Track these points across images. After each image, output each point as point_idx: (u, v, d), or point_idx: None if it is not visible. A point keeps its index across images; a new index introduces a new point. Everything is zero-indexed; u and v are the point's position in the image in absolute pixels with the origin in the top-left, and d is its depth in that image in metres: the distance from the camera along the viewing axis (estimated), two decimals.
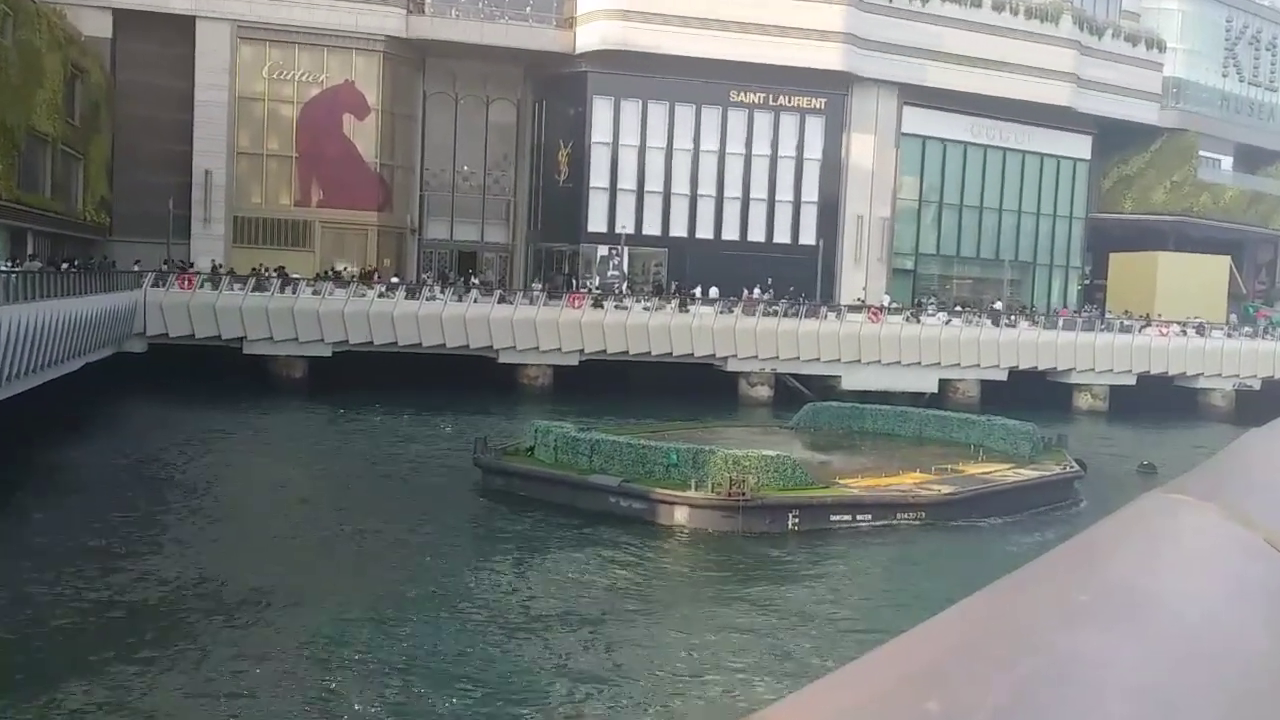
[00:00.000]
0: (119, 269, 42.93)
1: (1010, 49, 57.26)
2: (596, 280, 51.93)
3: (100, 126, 46.46)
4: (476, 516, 26.07)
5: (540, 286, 49.74)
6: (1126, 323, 56.02)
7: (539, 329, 46.01)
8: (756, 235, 55.58)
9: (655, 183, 54.26)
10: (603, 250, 53.21)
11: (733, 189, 55.23)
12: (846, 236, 56.90)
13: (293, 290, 44.36)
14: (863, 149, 56.63)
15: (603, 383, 44.83)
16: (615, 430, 30.98)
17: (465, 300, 46.11)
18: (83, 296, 33.80)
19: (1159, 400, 52.39)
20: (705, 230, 55.00)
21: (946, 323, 52.20)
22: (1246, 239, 70.32)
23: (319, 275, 47.51)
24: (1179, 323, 56.19)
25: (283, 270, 46.43)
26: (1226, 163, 69.78)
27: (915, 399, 47.07)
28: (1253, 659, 1.09)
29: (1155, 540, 1.32)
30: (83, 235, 45.96)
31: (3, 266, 31.18)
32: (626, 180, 53.88)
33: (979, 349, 51.60)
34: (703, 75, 52.91)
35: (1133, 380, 54.07)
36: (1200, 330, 56.14)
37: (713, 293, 50.13)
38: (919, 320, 51.96)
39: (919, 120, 58.09)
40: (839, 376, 49.04)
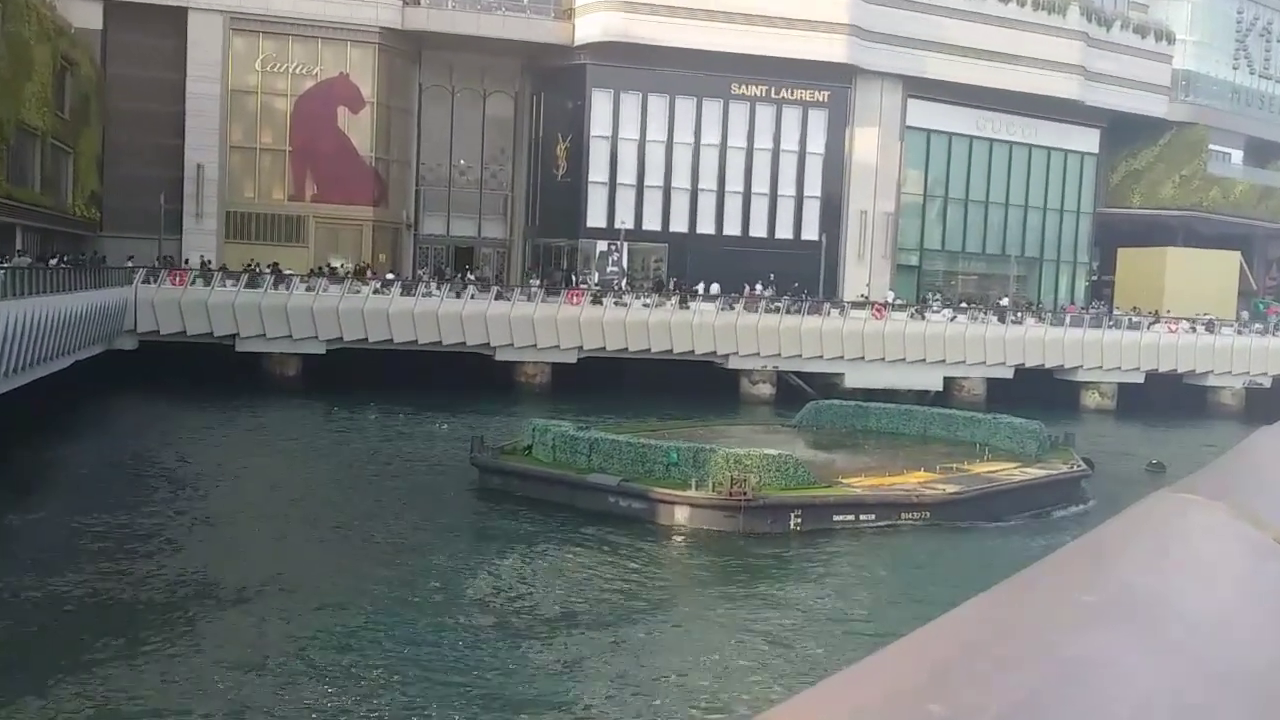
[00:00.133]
0: (109, 265, 42.92)
1: (1017, 41, 57.20)
2: (595, 276, 51.92)
3: (90, 120, 46.44)
4: (473, 516, 26.06)
5: (538, 283, 49.72)
6: (1135, 319, 56.00)
7: (537, 326, 46.00)
8: (758, 230, 55.57)
9: (655, 177, 54.22)
10: (602, 246, 53.18)
11: (734, 183, 55.21)
12: (850, 232, 56.89)
13: (286, 287, 44.35)
14: (866, 143, 56.60)
15: (602, 381, 44.84)
16: (614, 429, 30.98)
17: (462, 297, 46.11)
18: (72, 293, 33.78)
19: (1168, 398, 52.41)
20: (706, 225, 54.99)
21: (951, 319, 52.17)
22: (1257, 234, 70.26)
23: (313, 271, 47.52)
24: (1188, 319, 56.17)
25: (277, 266, 46.44)
26: (1237, 157, 69.77)
27: (920, 397, 47.06)
28: (1264, 662, 1.09)
29: (1164, 540, 1.32)
30: (72, 230, 45.98)
31: None
32: (626, 174, 53.84)
33: (985, 346, 51.58)
34: (704, 68, 52.87)
35: (1141, 378, 54.08)
36: (1210, 327, 56.11)
37: (714, 289, 50.11)
38: (923, 317, 51.94)
39: (924, 113, 58.04)
40: (842, 374, 49.03)
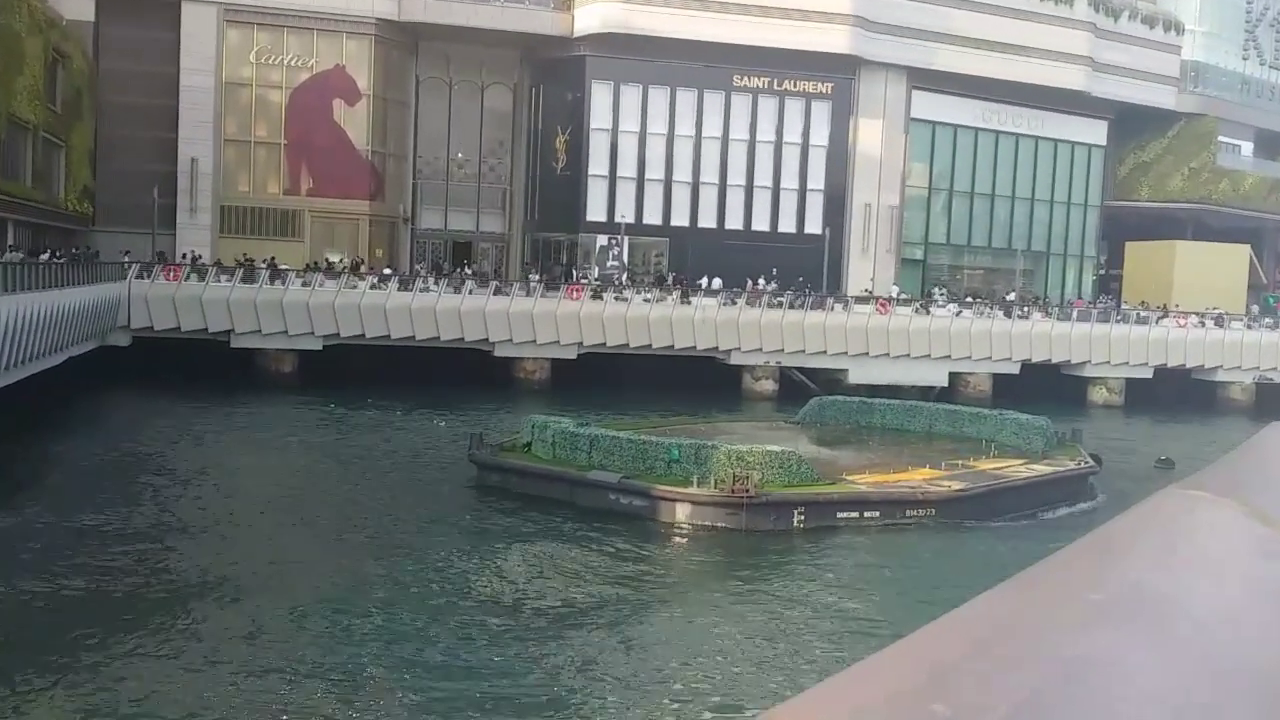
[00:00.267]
0: (102, 260, 42.93)
1: (1023, 31, 57.16)
2: (595, 271, 51.94)
3: (83, 113, 46.45)
4: (471, 514, 26.05)
5: (537, 277, 49.72)
6: (1143, 314, 56.01)
7: (536, 321, 46.01)
8: (761, 224, 55.55)
9: (656, 170, 54.20)
10: (602, 240, 53.19)
11: (736, 177, 55.19)
12: (854, 225, 56.87)
13: (282, 282, 44.36)
14: (870, 135, 56.55)
15: (602, 377, 44.84)
16: (615, 425, 30.95)
17: (460, 292, 46.12)
18: (65, 288, 33.79)
19: (1176, 394, 52.40)
20: (708, 219, 54.96)
21: (957, 314, 52.17)
22: (1267, 227, 70.25)
23: (309, 266, 47.51)
24: (1197, 314, 56.17)
25: (273, 261, 46.42)
26: (1246, 148, 69.71)
27: (925, 393, 47.10)
28: (1273, 660, 1.09)
29: (1172, 537, 1.32)
30: (65, 225, 45.98)
31: None
32: (626, 168, 53.82)
33: (990, 341, 51.57)
34: (705, 59, 52.84)
35: (1149, 373, 54.09)
36: (1219, 321, 56.11)
37: (715, 284, 50.10)
38: (928, 312, 51.93)
39: (929, 105, 58.01)
40: (846, 370, 49.04)
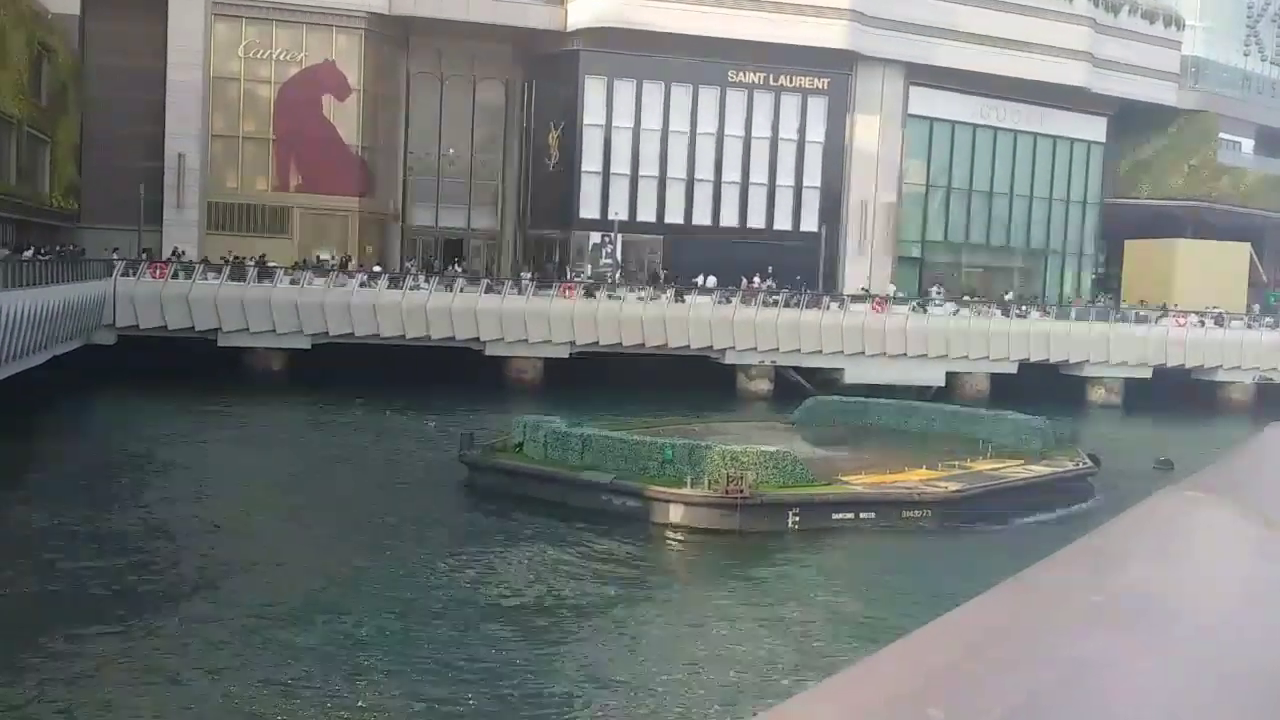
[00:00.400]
0: (88, 257, 42.81)
1: (1022, 26, 57.21)
2: (588, 269, 51.90)
3: (68, 108, 46.32)
4: (462, 516, 26.03)
5: (529, 275, 49.68)
6: (1142, 313, 56.12)
7: (528, 320, 45.97)
8: (756, 222, 55.54)
9: (650, 167, 54.17)
10: (595, 237, 53.15)
11: (731, 173, 55.18)
12: (850, 223, 56.89)
13: (270, 280, 44.26)
14: (867, 131, 56.58)
15: (594, 376, 44.80)
16: (608, 425, 30.94)
17: (451, 290, 46.06)
18: (49, 286, 33.70)
19: (1176, 394, 52.45)
20: (702, 216, 54.95)
21: (954, 313, 52.24)
22: (1268, 225, 70.32)
23: (297, 264, 47.41)
24: (1197, 313, 56.27)
25: (263, 259, 46.28)
26: (1248, 146, 69.87)
27: (921, 393, 47.13)
28: (1272, 663, 1.09)
29: (1170, 539, 1.32)
30: (50, 222, 45.82)
31: None
32: (620, 164, 53.78)
33: (988, 341, 51.62)
34: (700, 54, 52.82)
35: (1148, 373, 54.17)
36: (1219, 321, 56.22)
37: (710, 282, 50.09)
38: (925, 311, 51.99)
39: (926, 101, 58.05)
40: (842, 369, 49.07)
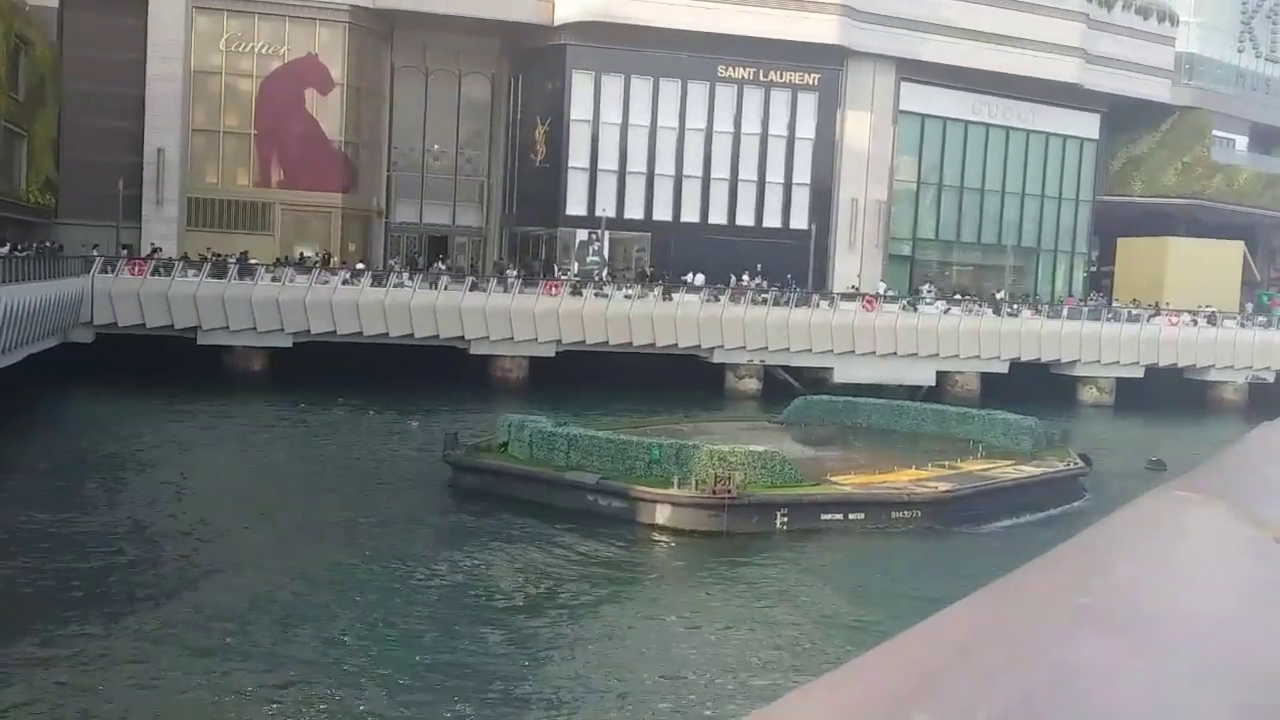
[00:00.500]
0: (66, 253, 42.63)
1: (1015, 22, 57.28)
2: (575, 266, 51.85)
3: (46, 102, 46.11)
4: (446, 516, 26.01)
5: (515, 273, 49.62)
6: (1134, 312, 56.29)
7: (513, 318, 45.92)
8: (745, 219, 55.55)
9: (638, 163, 54.15)
10: (582, 234, 53.10)
11: (720, 170, 55.18)
12: (840, 220, 56.93)
13: (251, 277, 44.11)
14: (858, 128, 56.63)
15: (581, 375, 44.78)
16: (594, 425, 30.96)
17: (435, 288, 45.97)
18: (25, 283, 33.54)
19: (1168, 393, 52.65)
20: (691, 214, 54.95)
21: (945, 312, 52.34)
22: (1261, 223, 70.62)
23: (279, 261, 47.26)
24: (1189, 312, 56.47)
25: (244, 256, 46.14)
26: (1241, 143, 70.06)
27: (911, 392, 47.21)
28: (1264, 667, 1.08)
29: (1161, 540, 1.32)
30: (26, 218, 45.64)
31: None
32: (607, 160, 53.74)
33: (979, 340, 51.74)
34: (689, 49, 52.80)
35: (1140, 372, 54.37)
36: (1212, 320, 56.44)
37: (698, 280, 50.09)
38: (916, 309, 52.08)
39: (918, 97, 58.13)
40: (831, 369, 49.13)
